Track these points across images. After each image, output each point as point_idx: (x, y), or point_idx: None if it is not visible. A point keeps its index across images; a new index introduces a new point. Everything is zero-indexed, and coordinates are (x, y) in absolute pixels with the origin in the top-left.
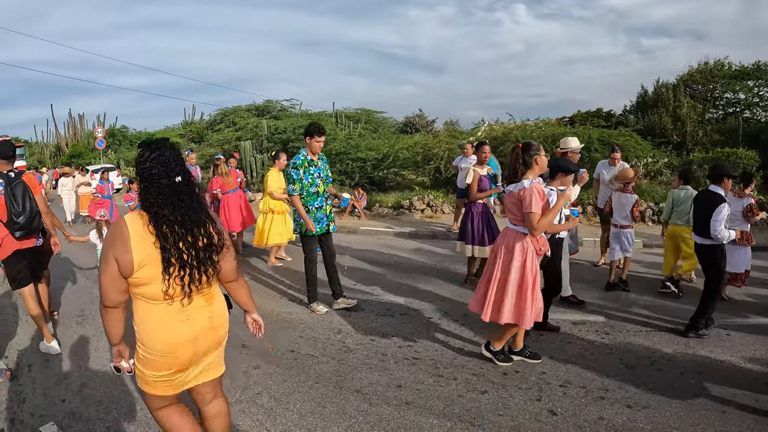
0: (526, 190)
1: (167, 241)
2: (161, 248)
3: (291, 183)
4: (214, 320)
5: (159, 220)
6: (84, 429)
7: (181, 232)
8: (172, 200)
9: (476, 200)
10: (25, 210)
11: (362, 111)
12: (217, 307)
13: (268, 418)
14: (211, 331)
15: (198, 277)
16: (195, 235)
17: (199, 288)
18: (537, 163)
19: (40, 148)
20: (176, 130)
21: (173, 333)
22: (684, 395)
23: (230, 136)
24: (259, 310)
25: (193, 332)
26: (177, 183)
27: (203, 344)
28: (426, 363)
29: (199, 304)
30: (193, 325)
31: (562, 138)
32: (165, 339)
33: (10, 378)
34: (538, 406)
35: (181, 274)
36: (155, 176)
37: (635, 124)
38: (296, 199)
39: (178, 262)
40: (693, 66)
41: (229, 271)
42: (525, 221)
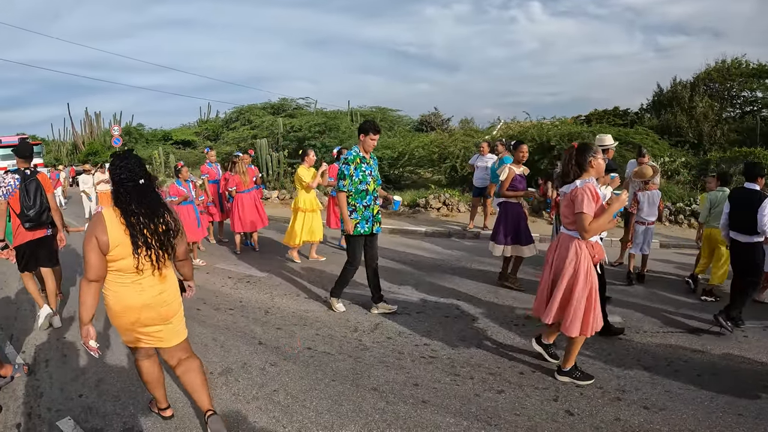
0: (578, 190)
1: (135, 228)
2: (130, 234)
3: (341, 179)
4: (164, 296)
5: (128, 214)
6: (101, 424)
7: (145, 221)
8: (137, 198)
9: (505, 197)
10: (35, 204)
11: (377, 109)
12: (168, 286)
13: (284, 415)
14: (159, 304)
15: (161, 254)
16: (156, 223)
17: (164, 263)
18: (592, 166)
19: (57, 146)
20: (192, 128)
21: (128, 299)
22: (701, 397)
23: (246, 134)
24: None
25: (142, 300)
26: (141, 184)
27: (150, 312)
28: (443, 361)
29: (153, 282)
30: (144, 297)
31: (597, 135)
32: (121, 303)
33: (27, 373)
34: (554, 406)
35: (148, 253)
36: (123, 180)
37: (651, 122)
38: (342, 195)
39: (144, 245)
40: (710, 64)
41: (181, 252)
42: (575, 223)
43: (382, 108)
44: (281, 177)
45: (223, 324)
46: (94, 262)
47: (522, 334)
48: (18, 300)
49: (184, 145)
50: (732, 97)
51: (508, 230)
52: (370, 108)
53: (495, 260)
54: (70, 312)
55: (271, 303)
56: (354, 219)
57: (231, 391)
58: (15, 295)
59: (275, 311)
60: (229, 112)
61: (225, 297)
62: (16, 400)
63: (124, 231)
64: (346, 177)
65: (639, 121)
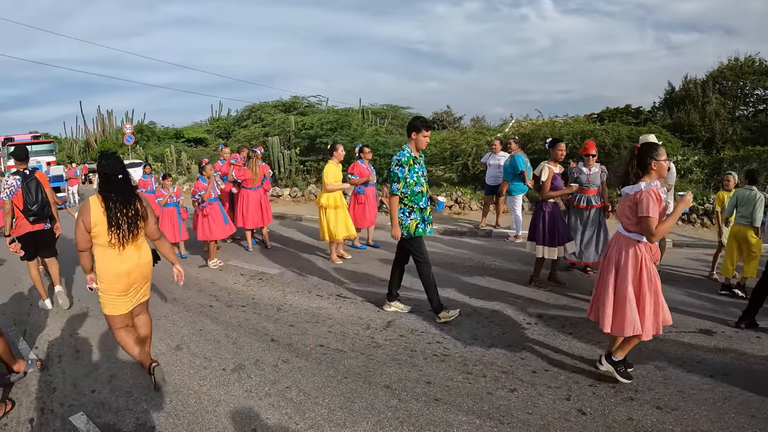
0: (643, 193)
1: (111, 212)
2: (107, 217)
3: (395, 182)
4: (141, 260)
5: (107, 200)
6: (113, 419)
7: (119, 206)
8: (116, 188)
9: (548, 198)
10: (37, 200)
11: (389, 107)
12: (143, 254)
13: (297, 412)
14: (138, 268)
15: (129, 233)
16: (128, 208)
17: (130, 240)
18: (654, 168)
19: (70, 144)
20: (203, 126)
21: (115, 267)
22: (713, 398)
23: (257, 131)
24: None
25: (127, 267)
26: (119, 178)
27: (135, 275)
28: (455, 359)
29: (131, 251)
30: (127, 263)
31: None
32: (110, 271)
33: (40, 368)
34: (567, 405)
35: (118, 233)
36: (107, 174)
37: (663, 121)
38: (395, 200)
39: (116, 225)
40: (723, 62)
41: (151, 231)
42: (640, 226)
43: (394, 106)
44: (293, 175)
45: (235, 321)
46: (80, 237)
47: (534, 334)
48: (31, 297)
49: (195, 143)
50: (745, 96)
51: (546, 230)
52: (382, 106)
53: (508, 258)
54: (83, 308)
55: (283, 300)
56: (414, 219)
57: (243, 388)
58: (28, 292)
59: (288, 308)
60: (241, 110)
61: (237, 294)
62: (29, 395)
63: (103, 213)
64: (401, 180)
65: (652, 120)
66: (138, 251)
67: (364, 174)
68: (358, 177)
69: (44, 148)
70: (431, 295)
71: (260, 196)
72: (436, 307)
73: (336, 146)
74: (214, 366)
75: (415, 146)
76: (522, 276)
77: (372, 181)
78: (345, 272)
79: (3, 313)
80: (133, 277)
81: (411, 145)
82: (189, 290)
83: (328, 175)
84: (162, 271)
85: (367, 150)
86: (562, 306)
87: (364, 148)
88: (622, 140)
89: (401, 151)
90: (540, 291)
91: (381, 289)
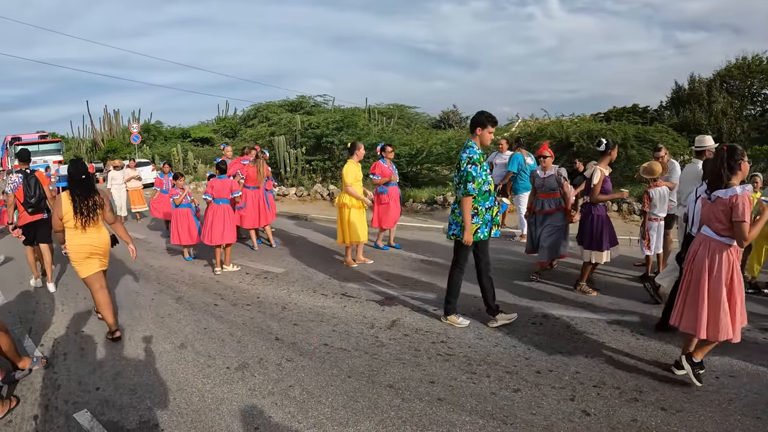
0: (739, 198)
1: (76, 203)
2: (73, 207)
3: (469, 181)
4: (99, 239)
5: (73, 195)
6: (117, 416)
7: (82, 199)
8: (79, 186)
9: (599, 202)
10: (35, 195)
11: (395, 106)
12: (102, 234)
13: (300, 410)
14: (97, 243)
15: (89, 218)
16: (88, 200)
17: (91, 223)
18: (740, 169)
19: (77, 144)
20: (210, 125)
21: (78, 242)
22: (719, 399)
23: (264, 131)
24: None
25: (86, 242)
26: (82, 178)
27: (93, 249)
28: (459, 359)
29: (91, 231)
30: (86, 239)
31: (697, 137)
32: (74, 244)
33: (45, 365)
34: (571, 405)
35: (81, 218)
36: (72, 176)
37: (670, 120)
38: (470, 200)
39: (79, 212)
40: (731, 61)
41: (108, 217)
42: (735, 230)
43: (400, 105)
44: (299, 174)
45: (240, 319)
46: (55, 222)
47: (538, 334)
48: (37, 294)
49: (202, 143)
50: (752, 95)
51: (595, 233)
52: (388, 105)
53: (513, 258)
54: (88, 306)
55: (288, 299)
56: (475, 224)
57: (247, 386)
58: (34, 290)
59: (292, 307)
60: (247, 109)
61: (242, 293)
62: (33, 392)
63: (70, 204)
64: (475, 179)
65: (659, 119)
66: (97, 232)
67: (386, 173)
68: (380, 177)
69: (51, 147)
70: (451, 297)
71: (260, 196)
72: (450, 309)
73: (356, 144)
74: (218, 364)
75: (479, 142)
76: (525, 275)
77: (394, 181)
78: (350, 272)
79: (9, 311)
80: (93, 249)
81: (476, 141)
82: (194, 289)
83: (348, 174)
84: (169, 271)
85: (389, 149)
86: (566, 306)
87: (386, 146)
88: (629, 140)
89: (470, 148)
90: (545, 291)
91: (386, 289)
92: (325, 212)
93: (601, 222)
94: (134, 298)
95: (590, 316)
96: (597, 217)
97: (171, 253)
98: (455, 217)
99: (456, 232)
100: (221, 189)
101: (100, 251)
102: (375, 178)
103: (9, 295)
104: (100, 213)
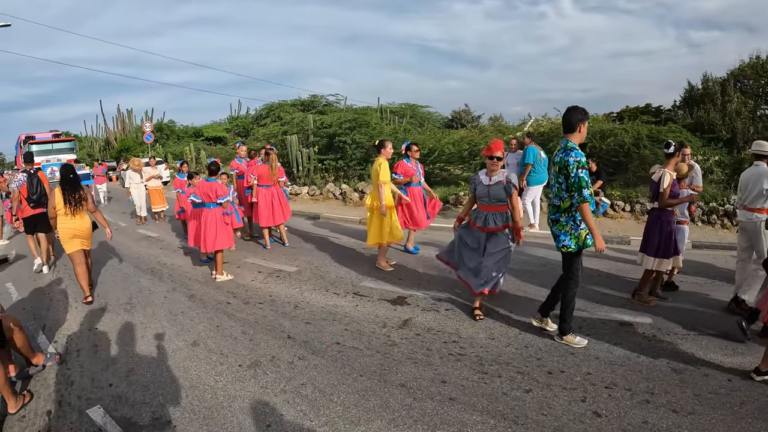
0: None
1: (65, 196)
2: (64, 199)
3: (584, 187)
4: (82, 224)
5: (64, 190)
6: (130, 413)
7: (70, 192)
8: (68, 183)
9: (667, 207)
10: (36, 192)
11: (407, 106)
12: (84, 221)
13: (311, 408)
14: (82, 227)
15: (76, 207)
16: (75, 194)
17: (77, 211)
18: None
19: (90, 143)
20: (222, 124)
21: (66, 225)
22: (730, 402)
23: (276, 130)
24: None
25: (73, 225)
26: (71, 177)
27: (77, 231)
28: (471, 359)
29: (76, 218)
30: (72, 223)
31: (756, 142)
32: (63, 227)
33: (59, 362)
34: (582, 407)
35: (70, 207)
36: (64, 175)
37: (684, 120)
38: (588, 207)
39: (69, 203)
40: (744, 60)
41: (90, 206)
42: None
43: (412, 104)
44: (311, 173)
45: (252, 318)
46: (50, 211)
47: (550, 334)
48: (51, 292)
49: (215, 142)
50: (766, 94)
51: (662, 241)
52: (400, 105)
53: (524, 259)
54: (102, 304)
55: (300, 298)
56: (584, 229)
57: (259, 384)
58: (48, 287)
59: (304, 306)
60: (260, 108)
61: (255, 291)
62: (47, 387)
63: (61, 197)
64: (588, 183)
65: (672, 119)
66: (81, 219)
67: (409, 173)
68: (402, 176)
69: (65, 146)
70: (568, 315)
71: (272, 195)
72: (567, 328)
73: (384, 143)
74: (231, 362)
75: (578, 140)
76: (536, 276)
77: (416, 182)
78: (363, 270)
79: (23, 307)
80: (77, 232)
81: (575, 140)
82: (207, 287)
83: (384, 171)
84: (182, 269)
85: (415, 148)
86: (578, 307)
87: (412, 145)
88: (642, 139)
89: (574, 150)
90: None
91: (398, 288)
92: (338, 211)
93: (670, 228)
94: (147, 296)
95: (602, 316)
96: (666, 223)
97: (184, 251)
98: (562, 227)
99: (567, 243)
100: (208, 191)
101: (83, 234)
102: (397, 177)
103: (23, 292)
104: (84, 204)
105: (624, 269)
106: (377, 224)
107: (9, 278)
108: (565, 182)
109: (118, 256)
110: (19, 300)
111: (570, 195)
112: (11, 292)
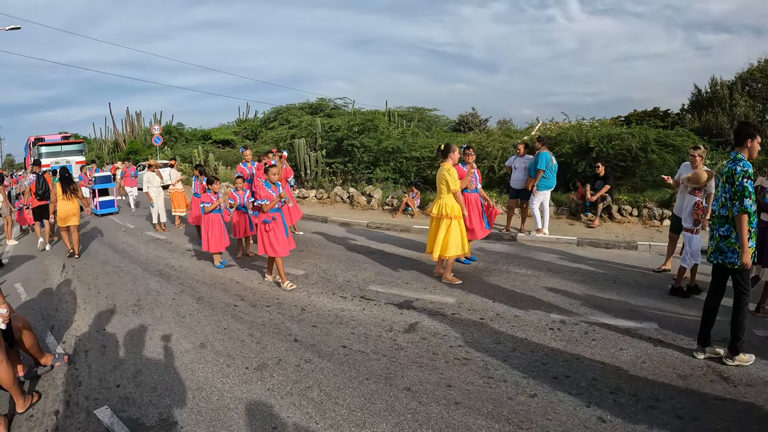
0: None
1: (63, 188)
2: (62, 190)
3: (746, 197)
4: (74, 207)
5: (62, 183)
6: (137, 414)
7: (66, 185)
8: (65, 180)
9: None
10: (42, 188)
11: (415, 109)
12: (74, 204)
13: (317, 411)
14: (71, 209)
15: (70, 195)
16: (70, 187)
17: (70, 198)
18: None
19: (99, 145)
20: (231, 127)
21: (63, 207)
22: (735, 408)
23: (284, 133)
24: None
25: (68, 207)
26: (66, 176)
27: (69, 212)
28: (476, 363)
29: (70, 202)
30: (68, 206)
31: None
32: (62, 208)
33: (67, 362)
34: (587, 412)
35: (66, 195)
36: (62, 174)
37: (692, 123)
38: (746, 218)
39: (65, 192)
40: (753, 63)
41: (79, 194)
42: None
43: (420, 108)
44: (319, 176)
45: (259, 320)
46: (52, 197)
47: (556, 339)
48: (59, 292)
49: (223, 145)
50: None
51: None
52: (408, 108)
53: (531, 264)
54: (110, 305)
55: (307, 301)
56: (752, 247)
57: (266, 386)
58: (57, 288)
59: (311, 309)
60: (268, 111)
61: (262, 294)
62: (55, 388)
63: (60, 189)
64: (751, 195)
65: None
66: (72, 203)
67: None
68: None
69: (74, 148)
70: (739, 333)
71: None
72: (737, 347)
73: (451, 146)
74: (238, 364)
75: (748, 155)
76: (544, 281)
77: (472, 188)
78: (370, 274)
79: (32, 308)
80: (69, 212)
81: (745, 154)
82: (214, 290)
83: (453, 178)
84: (190, 271)
85: (471, 151)
86: (584, 313)
87: (468, 148)
88: (649, 144)
89: (743, 161)
90: (563, 296)
91: (405, 292)
92: (345, 215)
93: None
94: (155, 298)
95: (608, 322)
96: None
97: (192, 254)
98: (732, 244)
99: (733, 260)
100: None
101: (72, 213)
102: None
103: (32, 293)
104: (75, 193)
105: (630, 274)
106: (454, 235)
107: (18, 279)
108: (730, 191)
109: (127, 258)
110: (29, 300)
111: (732, 204)
112: (20, 292)
